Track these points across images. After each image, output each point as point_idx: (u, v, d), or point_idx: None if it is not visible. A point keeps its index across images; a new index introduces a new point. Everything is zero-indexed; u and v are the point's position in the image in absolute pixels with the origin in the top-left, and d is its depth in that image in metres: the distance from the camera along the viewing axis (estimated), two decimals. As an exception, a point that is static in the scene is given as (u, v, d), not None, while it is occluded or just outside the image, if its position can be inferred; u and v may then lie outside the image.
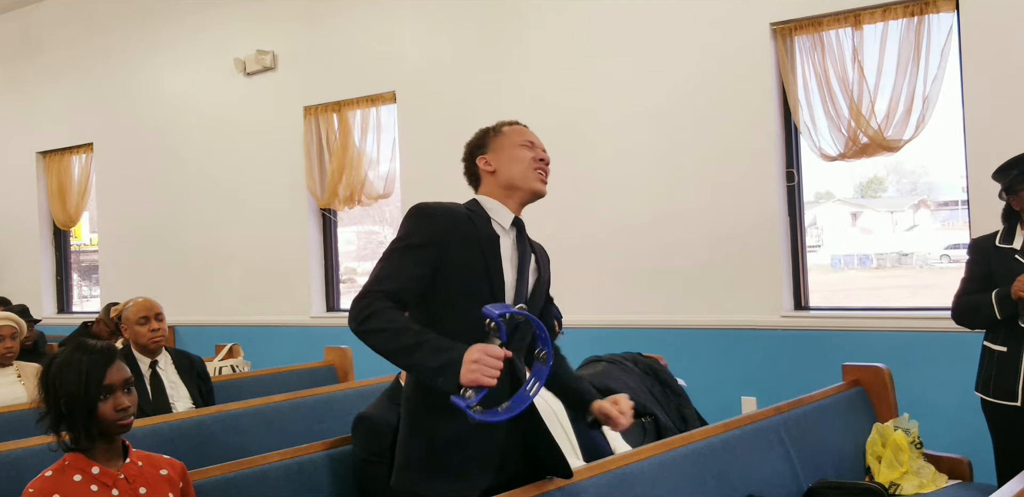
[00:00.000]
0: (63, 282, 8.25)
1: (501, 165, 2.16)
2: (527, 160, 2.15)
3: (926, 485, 2.97)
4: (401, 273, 1.98)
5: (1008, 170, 2.99)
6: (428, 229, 2.01)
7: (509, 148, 2.17)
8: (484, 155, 2.19)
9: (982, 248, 3.06)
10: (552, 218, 5.15)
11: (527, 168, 2.14)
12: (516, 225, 2.14)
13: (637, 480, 2.24)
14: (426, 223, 2.03)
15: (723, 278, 4.71)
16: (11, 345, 3.89)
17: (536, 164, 2.16)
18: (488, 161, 2.17)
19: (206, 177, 6.95)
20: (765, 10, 4.58)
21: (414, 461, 2.04)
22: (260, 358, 5.54)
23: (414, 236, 2.02)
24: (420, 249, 2.00)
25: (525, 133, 2.22)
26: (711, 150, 4.74)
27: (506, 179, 2.14)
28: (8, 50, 8.44)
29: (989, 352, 3.01)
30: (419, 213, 2.06)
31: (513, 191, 2.14)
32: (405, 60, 5.88)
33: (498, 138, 2.20)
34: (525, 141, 2.18)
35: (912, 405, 3.41)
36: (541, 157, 2.17)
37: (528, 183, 2.14)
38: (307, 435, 3.26)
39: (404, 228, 2.06)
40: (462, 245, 2.01)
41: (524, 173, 2.14)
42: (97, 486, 1.86)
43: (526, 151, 2.16)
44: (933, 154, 4.72)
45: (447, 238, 2.01)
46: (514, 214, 2.14)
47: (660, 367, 3.59)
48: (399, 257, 2.01)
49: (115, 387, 1.89)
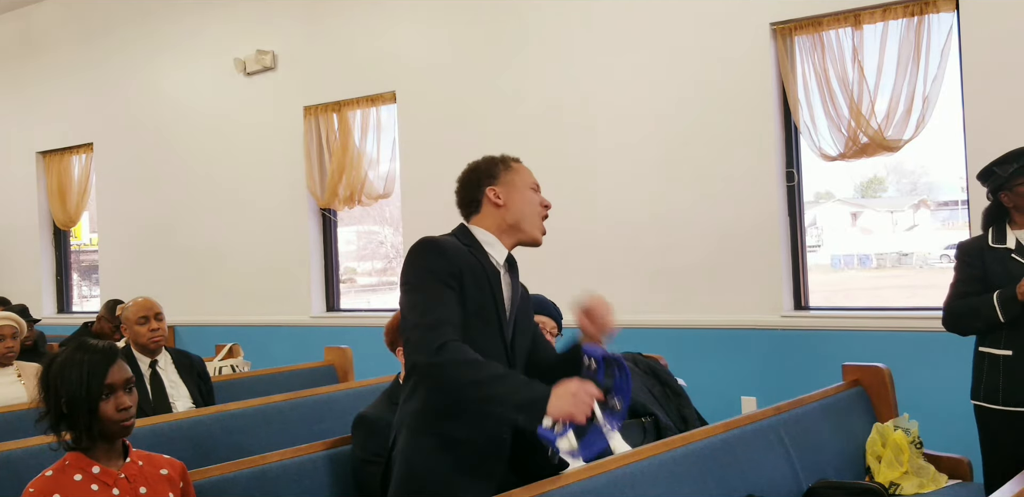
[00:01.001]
0: (63, 282, 8.25)
1: (512, 202, 2.12)
2: (537, 205, 2.14)
3: (926, 485, 2.97)
4: (448, 303, 1.96)
5: (1006, 164, 2.90)
6: (445, 262, 2.00)
7: (522, 188, 2.14)
8: (494, 186, 2.13)
9: (973, 250, 2.98)
10: (552, 218, 5.13)
11: (536, 214, 2.14)
12: (509, 262, 2.13)
13: (637, 480, 2.24)
14: (441, 256, 2.01)
15: (723, 278, 4.70)
16: (11, 345, 3.89)
17: (543, 211, 2.16)
18: (499, 193, 2.12)
19: (206, 177, 6.95)
20: (765, 10, 4.58)
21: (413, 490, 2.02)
22: (260, 358, 5.54)
23: (434, 267, 1.99)
24: (447, 279, 1.98)
25: (532, 175, 2.19)
26: (711, 150, 4.74)
27: (514, 218, 2.11)
28: (8, 50, 8.44)
29: (991, 358, 2.90)
30: (432, 247, 2.03)
31: (516, 231, 2.12)
32: (405, 60, 5.88)
33: (509, 173, 2.15)
34: (535, 184, 2.17)
35: (912, 405, 3.41)
36: (547, 204, 2.17)
37: (532, 230, 2.13)
38: (307, 435, 3.26)
39: (418, 262, 2.02)
40: (472, 278, 2.01)
41: (533, 218, 2.13)
42: (97, 485, 1.86)
43: (536, 195, 2.16)
44: (933, 154, 4.71)
45: (460, 271, 2.00)
46: (507, 251, 2.12)
47: (660, 367, 3.58)
48: (434, 291, 1.96)
49: (117, 387, 1.89)
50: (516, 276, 2.15)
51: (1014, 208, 2.93)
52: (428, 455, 2.02)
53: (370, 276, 7.14)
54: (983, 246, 2.96)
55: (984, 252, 2.94)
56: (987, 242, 2.97)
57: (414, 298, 1.98)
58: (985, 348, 2.94)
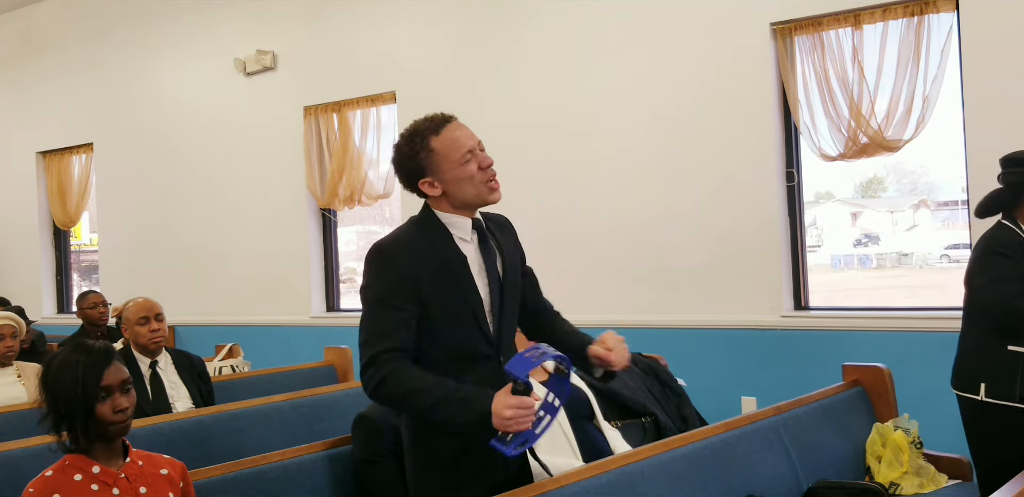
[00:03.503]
0: (63, 282, 8.25)
1: (448, 187, 2.02)
2: (475, 176, 2.01)
3: (926, 485, 2.97)
4: (390, 326, 1.96)
5: None
6: (395, 272, 1.98)
7: (450, 169, 2.00)
8: (424, 178, 2.03)
9: (1013, 244, 2.87)
10: (552, 218, 5.15)
11: (477, 183, 2.02)
12: (476, 228, 2.09)
13: (637, 480, 2.24)
14: (392, 265, 1.99)
15: (723, 278, 4.70)
16: (11, 344, 3.89)
17: (484, 176, 2.02)
18: (432, 183, 2.03)
19: (206, 177, 6.95)
20: (765, 10, 4.57)
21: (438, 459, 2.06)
22: (260, 358, 5.54)
23: (386, 281, 1.98)
24: (397, 294, 1.97)
25: (458, 140, 2.02)
26: (711, 150, 4.74)
27: (458, 200, 2.04)
28: (8, 50, 8.44)
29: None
30: (380, 256, 2.02)
31: (466, 206, 2.07)
32: (405, 60, 5.88)
33: (433, 157, 2.01)
34: (463, 154, 2.00)
35: (912, 405, 3.40)
36: (484, 166, 2.02)
37: (480, 197, 2.04)
38: (307, 435, 3.26)
39: (371, 274, 2.02)
40: (432, 277, 1.99)
41: (475, 188, 2.02)
42: (98, 485, 1.86)
43: (469, 166, 2.00)
44: (933, 154, 4.71)
45: (416, 275, 1.98)
46: (471, 219, 2.09)
47: (660, 367, 3.58)
48: (381, 309, 1.98)
49: (113, 388, 1.88)
50: (485, 236, 2.09)
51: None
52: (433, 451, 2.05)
53: (370, 276, 7.12)
54: (1020, 241, 2.88)
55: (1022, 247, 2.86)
56: (1022, 236, 2.89)
57: (364, 317, 2.02)
58: (1019, 348, 2.83)
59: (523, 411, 1.82)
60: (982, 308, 2.94)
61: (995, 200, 2.98)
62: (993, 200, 2.99)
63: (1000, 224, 2.96)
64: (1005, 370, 2.86)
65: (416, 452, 2.10)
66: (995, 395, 2.88)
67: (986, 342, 2.93)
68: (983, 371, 2.91)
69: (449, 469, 2.04)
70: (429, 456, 2.07)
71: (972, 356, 2.99)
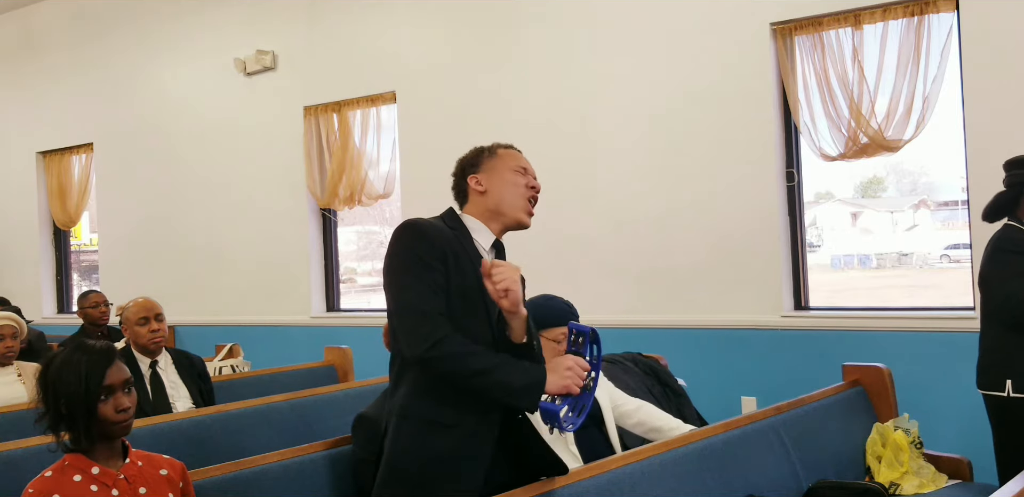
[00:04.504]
0: (63, 282, 8.25)
1: (492, 187, 2.13)
2: (520, 187, 2.14)
3: (926, 485, 2.97)
4: (432, 288, 1.96)
5: None
6: (428, 245, 1.99)
7: (502, 171, 2.15)
8: (476, 174, 2.16)
9: (1021, 242, 2.91)
10: (552, 218, 5.15)
11: (518, 195, 2.13)
12: (496, 248, 2.13)
13: (637, 480, 2.24)
14: (424, 239, 2.00)
15: (723, 278, 4.70)
16: (12, 344, 3.89)
17: (528, 192, 2.15)
18: (479, 180, 2.15)
19: (206, 177, 6.95)
20: (765, 10, 4.58)
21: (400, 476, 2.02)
22: (260, 358, 5.54)
23: (420, 251, 1.98)
24: (431, 260, 1.97)
25: (519, 158, 2.20)
26: (711, 150, 4.74)
27: (495, 202, 2.12)
28: (8, 50, 8.45)
29: None
30: (413, 230, 2.02)
31: (499, 216, 2.12)
32: (405, 60, 5.88)
33: (492, 159, 2.18)
34: (519, 167, 2.16)
35: (912, 405, 3.41)
36: (533, 185, 2.16)
37: (515, 212, 2.13)
38: (307, 435, 3.26)
39: (403, 244, 2.02)
40: (456, 262, 2.01)
41: (514, 200, 2.13)
42: (97, 486, 1.86)
43: (519, 177, 2.15)
44: (933, 154, 4.72)
45: (445, 253, 1.99)
46: (495, 237, 2.13)
47: (660, 367, 3.59)
48: (416, 276, 1.96)
49: (115, 387, 1.88)
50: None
51: None
52: (415, 438, 2.01)
53: (370, 276, 7.14)
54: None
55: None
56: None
57: (402, 281, 1.98)
58: None
59: (580, 369, 1.91)
60: (998, 306, 2.97)
61: (999, 202, 3.03)
62: (998, 202, 3.03)
63: (1007, 224, 3.01)
64: None
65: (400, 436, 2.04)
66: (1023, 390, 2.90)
67: (1008, 339, 2.95)
68: (1008, 368, 2.93)
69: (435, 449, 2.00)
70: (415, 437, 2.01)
71: (995, 354, 3.00)
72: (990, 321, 3.03)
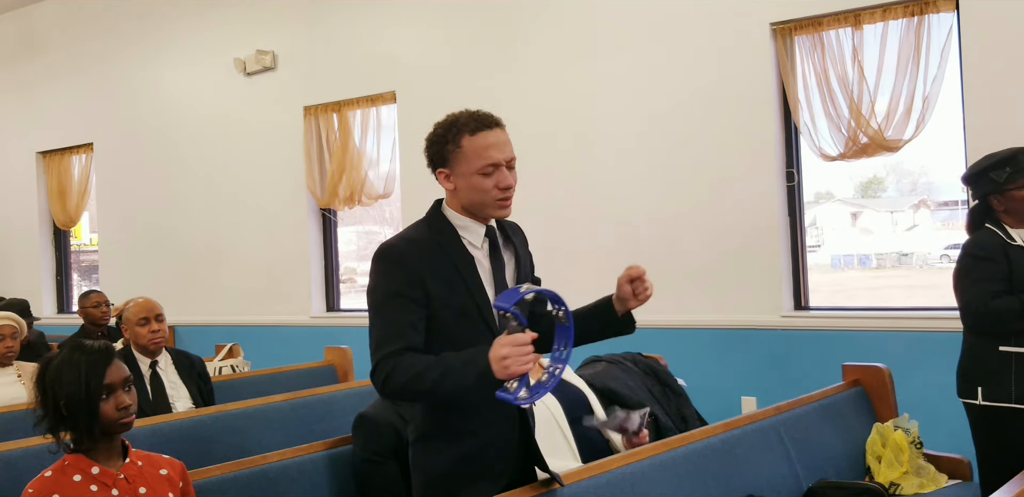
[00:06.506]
0: (63, 282, 8.25)
1: (460, 188, 2.00)
2: (488, 192, 1.97)
3: (926, 485, 2.97)
4: (399, 329, 1.94)
5: (999, 169, 2.87)
6: (402, 273, 1.95)
7: (467, 173, 1.97)
8: (444, 168, 2.01)
9: (996, 247, 2.87)
10: (552, 218, 5.15)
11: (488, 200, 1.98)
12: (489, 236, 2.06)
13: (637, 480, 2.24)
14: (397, 267, 1.96)
15: (723, 278, 4.70)
16: (12, 345, 3.89)
17: (497, 194, 1.98)
18: (448, 177, 2.01)
19: (206, 177, 6.95)
20: (765, 10, 4.57)
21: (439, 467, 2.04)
22: (260, 358, 5.54)
23: (392, 284, 1.96)
24: (402, 297, 1.94)
25: (486, 151, 1.96)
26: (711, 150, 4.74)
27: (467, 203, 2.01)
28: (8, 50, 8.44)
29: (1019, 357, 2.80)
30: (387, 257, 1.98)
31: (475, 212, 2.04)
32: (405, 60, 5.88)
33: (458, 154, 1.98)
34: (486, 166, 1.96)
35: (912, 405, 3.41)
36: (504, 185, 1.97)
37: (488, 211, 2.01)
38: (307, 435, 3.26)
39: (378, 275, 1.99)
40: (439, 277, 1.96)
41: (484, 204, 1.99)
42: (97, 486, 1.86)
43: (486, 180, 1.96)
44: (933, 154, 4.72)
45: (423, 276, 1.95)
46: (485, 226, 2.05)
47: (660, 367, 3.59)
48: (389, 311, 1.96)
49: (116, 386, 1.89)
50: (497, 245, 2.06)
51: (1005, 212, 2.91)
52: (436, 456, 2.03)
53: (370, 276, 7.13)
54: (1004, 243, 2.88)
55: (1008, 249, 2.86)
56: (1005, 239, 2.89)
57: (373, 319, 2.01)
58: (1012, 348, 2.82)
59: (519, 348, 1.74)
60: (961, 312, 2.96)
61: (975, 215, 3.02)
62: (974, 215, 3.03)
63: (984, 228, 2.98)
64: (999, 372, 2.85)
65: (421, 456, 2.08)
66: (992, 398, 2.87)
67: (979, 345, 2.94)
68: (979, 375, 2.91)
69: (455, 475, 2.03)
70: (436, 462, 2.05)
71: (968, 361, 2.99)
72: (964, 326, 3.01)
